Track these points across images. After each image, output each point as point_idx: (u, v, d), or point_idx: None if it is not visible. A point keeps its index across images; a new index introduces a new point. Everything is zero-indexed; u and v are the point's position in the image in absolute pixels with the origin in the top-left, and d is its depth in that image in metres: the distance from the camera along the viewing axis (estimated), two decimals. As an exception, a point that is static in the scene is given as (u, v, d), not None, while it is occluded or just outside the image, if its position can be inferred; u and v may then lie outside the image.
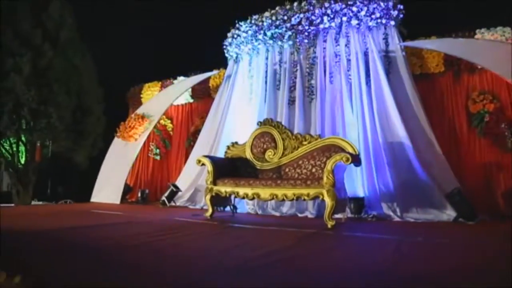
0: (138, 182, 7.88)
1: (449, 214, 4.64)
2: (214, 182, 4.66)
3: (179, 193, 6.53)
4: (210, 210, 4.63)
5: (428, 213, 4.73)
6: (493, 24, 5.38)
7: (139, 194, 6.93)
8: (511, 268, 2.07)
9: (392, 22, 5.41)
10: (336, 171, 3.98)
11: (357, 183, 5.07)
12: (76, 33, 8.46)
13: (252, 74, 6.32)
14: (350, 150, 4.32)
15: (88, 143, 8.66)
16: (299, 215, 5.20)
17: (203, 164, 4.81)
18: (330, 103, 5.48)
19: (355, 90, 5.38)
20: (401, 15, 5.40)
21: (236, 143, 5.27)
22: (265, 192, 4.30)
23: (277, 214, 5.34)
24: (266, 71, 6.10)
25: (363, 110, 5.29)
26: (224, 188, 4.58)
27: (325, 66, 5.65)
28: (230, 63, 6.77)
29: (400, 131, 5.08)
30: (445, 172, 4.97)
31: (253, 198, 4.44)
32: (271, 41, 6.01)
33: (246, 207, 5.64)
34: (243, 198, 4.52)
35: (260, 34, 6.03)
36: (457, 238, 3.36)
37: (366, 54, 5.46)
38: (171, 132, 7.86)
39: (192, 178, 6.66)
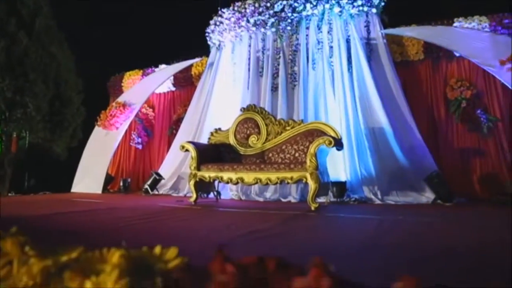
0: (120, 171, 7.78)
1: (428, 196, 4.78)
2: (198, 168, 4.65)
3: (162, 181, 6.49)
4: (194, 196, 4.62)
5: (408, 196, 4.85)
6: (470, 13, 5.51)
7: (121, 183, 6.85)
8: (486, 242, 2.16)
9: (374, 10, 5.48)
10: (319, 155, 4.04)
11: (339, 167, 5.15)
12: (53, 20, 8.24)
13: (235, 61, 6.30)
14: (333, 134, 4.37)
15: (67, 134, 8.47)
16: (283, 200, 5.25)
17: (186, 150, 4.79)
18: (313, 90, 5.53)
19: (337, 77, 5.44)
20: (383, 3, 5.48)
21: (220, 129, 5.26)
22: (249, 177, 4.33)
23: (261, 199, 5.37)
24: (249, 58, 6.10)
25: (345, 96, 5.36)
26: (208, 173, 4.58)
27: (307, 53, 5.69)
28: (213, 50, 6.74)
29: (381, 117, 5.17)
30: (424, 157, 5.10)
31: (237, 183, 4.46)
32: (254, 28, 6.00)
33: (229, 193, 5.66)
34: (227, 182, 4.53)
35: (243, 21, 6.02)
36: (436, 217, 3.46)
37: (348, 41, 5.53)
38: (153, 121, 7.78)
39: (175, 166, 6.62)
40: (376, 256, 1.74)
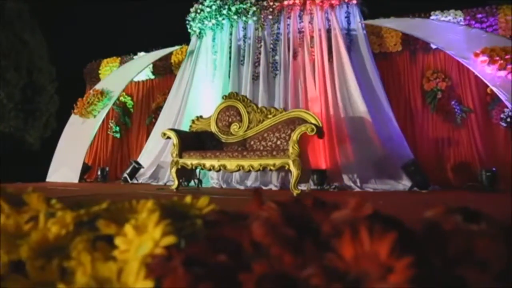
0: (97, 160, 7.63)
1: (405, 184, 4.94)
2: (180, 155, 4.63)
3: (141, 170, 6.42)
4: (176, 183, 4.61)
5: (386, 184, 5.00)
6: (446, 7, 5.68)
7: (99, 172, 6.73)
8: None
9: (354, 1, 5.56)
10: (301, 142, 4.10)
11: (320, 156, 5.24)
12: (25, 5, 7.95)
13: (216, 50, 6.27)
14: (314, 122, 4.44)
15: (40, 123, 8.24)
16: (264, 187, 5.30)
17: (168, 137, 4.77)
18: (294, 79, 5.59)
19: (318, 67, 5.51)
20: (363, -6, 5.58)
21: (201, 117, 5.25)
22: (231, 164, 4.35)
23: (242, 187, 5.41)
24: (230, 47, 6.08)
25: (326, 86, 5.44)
26: (190, 161, 4.58)
27: (289, 43, 5.73)
28: (193, 38, 6.67)
29: (360, 107, 5.28)
30: (401, 145, 5.26)
31: (219, 170, 4.47)
32: (235, 17, 5.98)
33: (210, 181, 5.67)
34: (210, 170, 4.54)
35: (224, 9, 5.98)
36: (401, 200, 3.62)
37: (329, 32, 5.59)
38: (131, 109, 7.65)
39: (154, 154, 6.55)
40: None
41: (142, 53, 7.37)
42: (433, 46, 5.65)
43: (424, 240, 0.38)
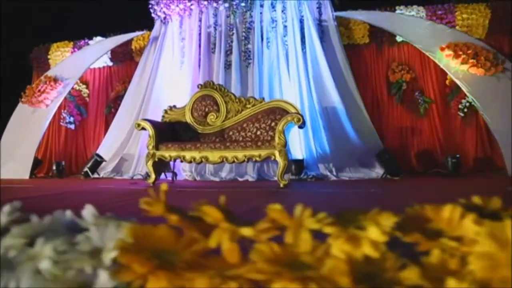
0: (48, 154, 7.01)
1: (377, 172, 5.14)
2: (157, 147, 4.40)
3: (102, 164, 6.02)
4: (153, 177, 4.37)
5: (359, 172, 5.16)
6: (409, 3, 5.92)
7: (54, 167, 6.18)
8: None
9: (326, -8, 5.61)
10: (285, 132, 4.08)
11: (296, 145, 5.26)
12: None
13: (183, 37, 5.99)
14: (294, 112, 4.44)
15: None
16: (240, 179, 5.23)
17: (143, 128, 4.50)
18: (267, 68, 5.53)
19: (291, 56, 5.50)
20: (334, -14, 5.64)
21: (175, 106, 5.01)
22: (214, 155, 4.21)
23: (216, 179, 5.29)
24: (200, 34, 5.85)
25: (299, 76, 5.45)
26: (168, 153, 4.36)
27: (262, 31, 5.64)
28: (157, 23, 6.32)
29: (334, 97, 5.38)
30: (372, 135, 5.46)
31: (200, 162, 4.31)
32: (205, 2, 5.76)
33: (182, 173, 5.46)
34: (190, 162, 4.36)
35: (193, -7, 5.73)
36: (387, 187, 3.76)
37: (301, 22, 5.60)
38: (87, 98, 7.10)
39: (116, 146, 6.17)
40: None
41: (98, 38, 6.85)
42: (398, 39, 5.89)
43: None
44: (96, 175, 5.88)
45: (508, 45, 5.64)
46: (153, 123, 4.56)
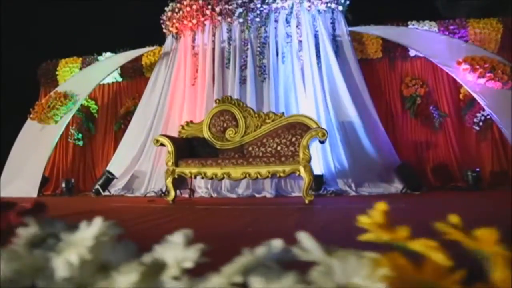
0: (55, 171, 6.86)
1: (396, 186, 5.07)
2: (176, 164, 4.30)
3: (113, 181, 5.89)
4: (173, 194, 4.25)
5: (379, 187, 5.09)
6: (421, 18, 5.98)
7: (63, 185, 6.02)
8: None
9: (340, 8, 5.63)
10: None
11: (314, 161, 5.16)
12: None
13: (196, 52, 5.95)
14: (315, 126, 4.38)
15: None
16: (257, 195, 5.14)
17: (161, 144, 4.40)
18: (283, 84, 5.50)
19: (307, 71, 5.48)
20: (348, 1, 5.66)
21: (192, 122, 4.93)
22: (236, 171, 4.12)
23: (233, 195, 5.19)
24: (214, 49, 5.81)
25: (315, 90, 5.42)
26: (188, 169, 4.26)
27: (277, 46, 5.63)
28: (168, 39, 6.29)
29: (350, 111, 5.34)
30: (388, 150, 5.41)
31: (222, 178, 4.22)
32: (219, 17, 5.74)
33: (198, 190, 5.36)
34: (211, 178, 4.27)
35: (207, 9, 5.71)
36: (416, 202, 3.70)
37: (316, 37, 5.59)
38: (95, 114, 6.99)
39: (126, 163, 6.05)
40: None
41: (108, 54, 6.79)
42: (411, 54, 5.91)
43: None
44: (107, 193, 5.74)
45: (521, 59, 5.69)
46: (172, 139, 4.47)
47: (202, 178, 4.36)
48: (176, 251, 0.48)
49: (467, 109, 5.72)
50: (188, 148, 4.72)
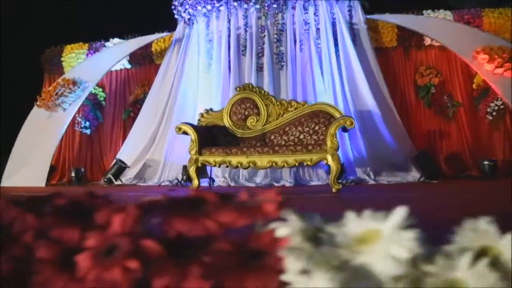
0: (61, 160, 6.68)
1: (414, 175, 5.12)
2: (199, 152, 4.23)
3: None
4: (196, 183, 4.20)
5: (396, 176, 5.13)
6: (436, 7, 5.96)
7: (73, 174, 5.89)
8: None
9: (356, -5, 5.58)
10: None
11: (334, 150, 5.17)
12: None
13: (210, 38, 5.83)
14: (338, 115, 4.35)
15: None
16: (276, 184, 5.11)
17: (184, 132, 4.32)
18: (301, 71, 5.44)
19: (325, 59, 5.43)
20: (364, -11, 5.61)
21: (211, 109, 4.85)
22: (262, 160, 4.09)
23: (252, 184, 5.15)
24: (229, 35, 5.69)
25: (333, 78, 5.39)
26: (213, 158, 4.20)
27: (294, 34, 5.55)
28: (180, 25, 6.14)
29: (368, 100, 5.33)
30: (404, 139, 5.44)
31: (248, 167, 4.18)
32: (235, 3, 5.62)
33: (215, 179, 5.29)
34: (236, 167, 4.24)
35: (223, -6, 5.58)
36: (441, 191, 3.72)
37: (333, 24, 5.54)
38: (103, 102, 6.81)
39: (137, 152, 5.95)
40: None
41: (116, 40, 6.60)
42: (426, 43, 5.90)
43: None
44: (119, 182, 5.63)
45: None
46: (194, 127, 4.40)
47: (227, 167, 4.31)
48: None
49: (480, 99, 5.76)
50: (210, 136, 4.65)
